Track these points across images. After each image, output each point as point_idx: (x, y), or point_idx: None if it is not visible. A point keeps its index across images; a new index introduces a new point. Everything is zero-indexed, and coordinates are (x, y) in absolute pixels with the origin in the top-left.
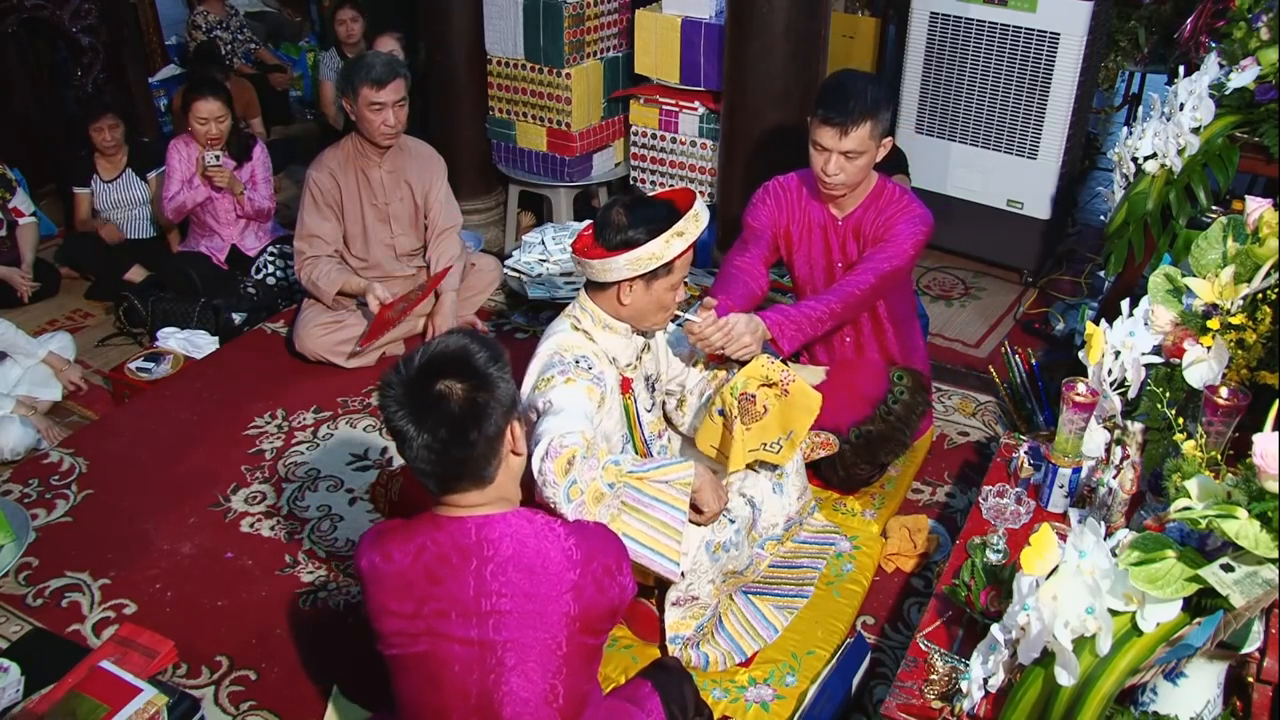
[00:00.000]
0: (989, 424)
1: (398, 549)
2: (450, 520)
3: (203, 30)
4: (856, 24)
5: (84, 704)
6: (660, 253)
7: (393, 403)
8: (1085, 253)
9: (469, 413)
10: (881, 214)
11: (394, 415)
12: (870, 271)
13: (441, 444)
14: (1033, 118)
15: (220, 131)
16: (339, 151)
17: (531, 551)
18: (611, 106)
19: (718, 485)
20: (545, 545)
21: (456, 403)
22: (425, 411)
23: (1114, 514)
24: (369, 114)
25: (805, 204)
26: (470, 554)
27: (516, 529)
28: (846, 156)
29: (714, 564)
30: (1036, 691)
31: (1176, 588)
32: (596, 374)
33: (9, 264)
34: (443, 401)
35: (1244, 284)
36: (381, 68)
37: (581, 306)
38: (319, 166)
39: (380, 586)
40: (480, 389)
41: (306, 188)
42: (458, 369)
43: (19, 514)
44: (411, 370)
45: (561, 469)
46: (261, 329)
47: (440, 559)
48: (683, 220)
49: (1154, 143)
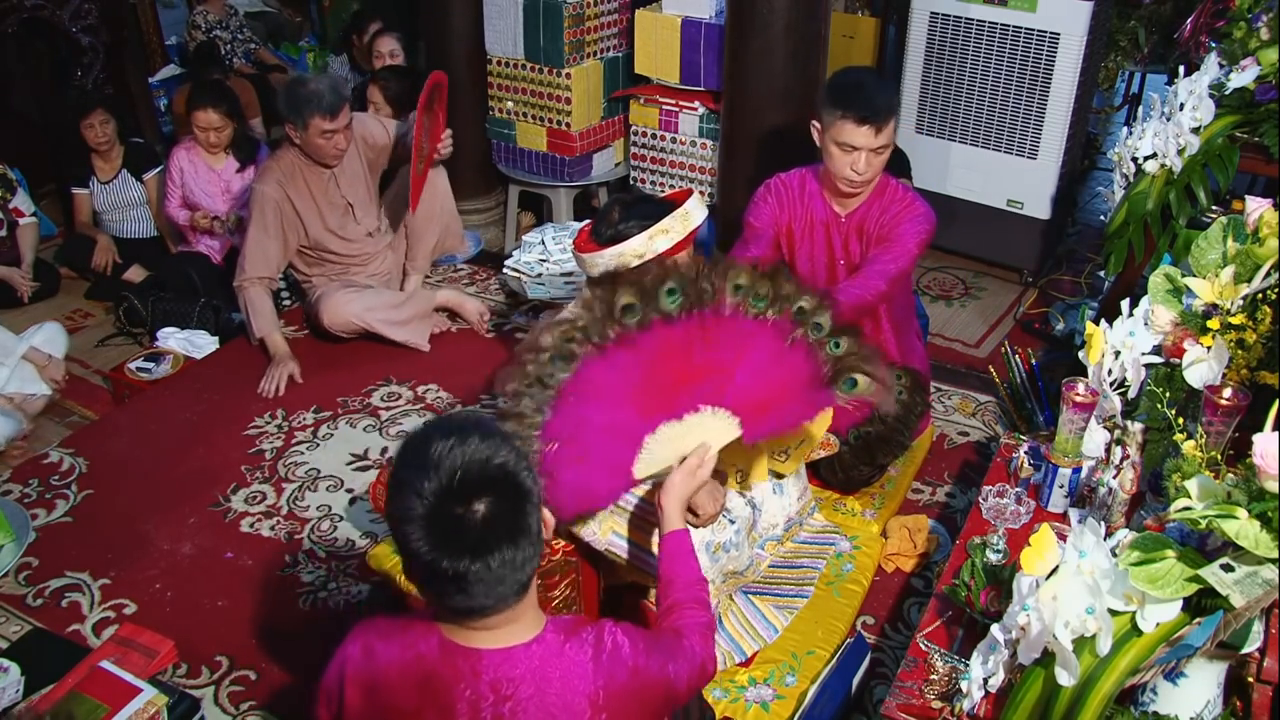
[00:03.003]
0: (989, 424)
1: (395, 671)
2: (463, 651)
3: (203, 30)
4: (856, 24)
5: (84, 704)
6: (642, 249)
7: (418, 532)
8: (1085, 253)
9: (515, 526)
10: (886, 211)
11: (422, 550)
12: (879, 275)
13: (497, 570)
14: (1033, 118)
15: (221, 140)
16: (282, 162)
17: (554, 695)
18: (611, 106)
19: (714, 488)
20: (570, 686)
21: (500, 523)
22: (464, 539)
23: (1114, 514)
24: (320, 140)
25: (808, 201)
26: (482, 699)
27: (541, 667)
28: (875, 152)
29: (714, 564)
30: (1036, 691)
31: (1176, 588)
32: None
33: (9, 264)
34: (484, 527)
35: (1244, 284)
36: (331, 96)
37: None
38: (264, 179)
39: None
40: (519, 499)
41: (255, 202)
42: (491, 487)
43: (19, 514)
44: (437, 495)
45: None
46: None
47: (442, 690)
48: (669, 218)
49: (1154, 143)
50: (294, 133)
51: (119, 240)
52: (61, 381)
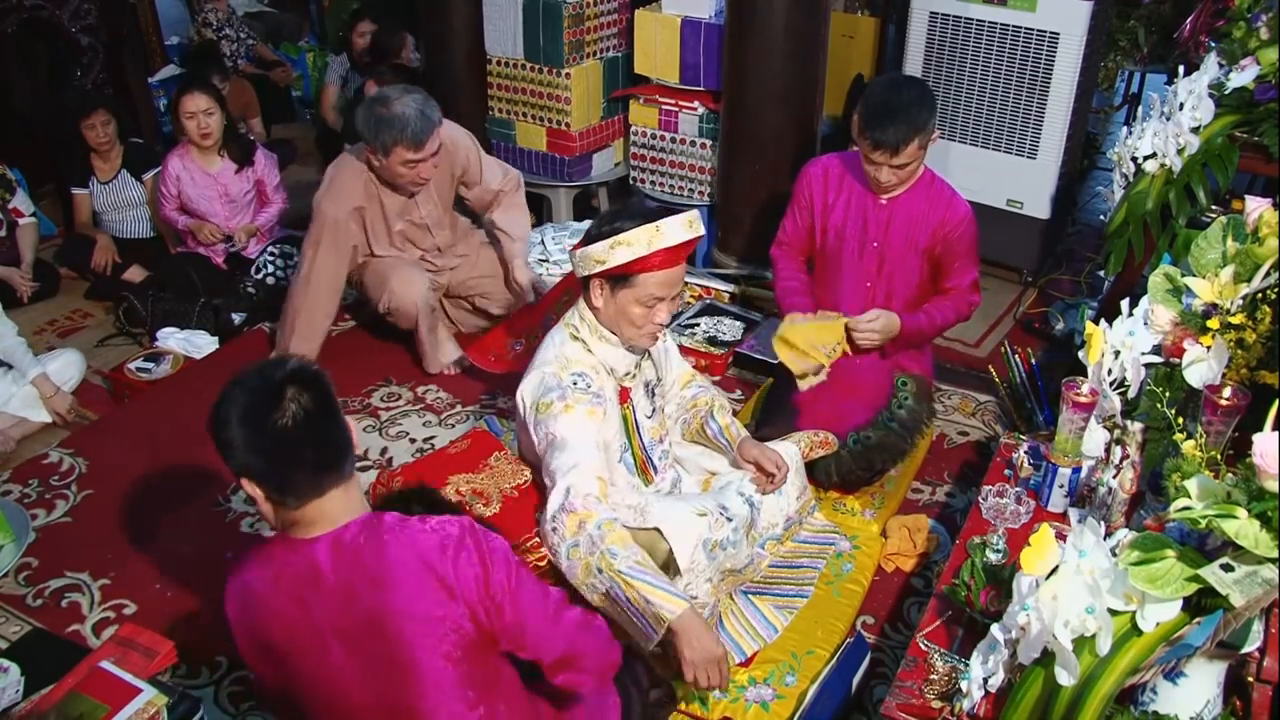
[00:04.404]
0: (989, 424)
1: (258, 583)
2: (304, 543)
3: (213, 28)
4: (856, 24)
5: (84, 704)
6: (601, 255)
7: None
8: (1085, 252)
9: (326, 402)
10: (933, 207)
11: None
12: (963, 302)
13: (310, 417)
14: (1032, 118)
15: (210, 126)
16: (357, 182)
17: (392, 559)
18: (611, 106)
19: (704, 635)
20: (408, 546)
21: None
22: (280, 403)
23: (1114, 514)
24: (402, 169)
25: (852, 183)
26: (330, 572)
27: (372, 535)
28: (895, 169)
29: (711, 563)
30: (1036, 691)
31: (1176, 587)
32: (595, 391)
33: (9, 264)
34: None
35: (1244, 284)
36: (418, 123)
37: (579, 312)
38: (335, 198)
39: (247, 630)
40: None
41: (322, 227)
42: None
43: (19, 514)
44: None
45: (574, 527)
46: (261, 329)
47: (303, 581)
48: (638, 229)
49: (1154, 142)
50: (373, 156)
51: (119, 240)
52: (65, 415)
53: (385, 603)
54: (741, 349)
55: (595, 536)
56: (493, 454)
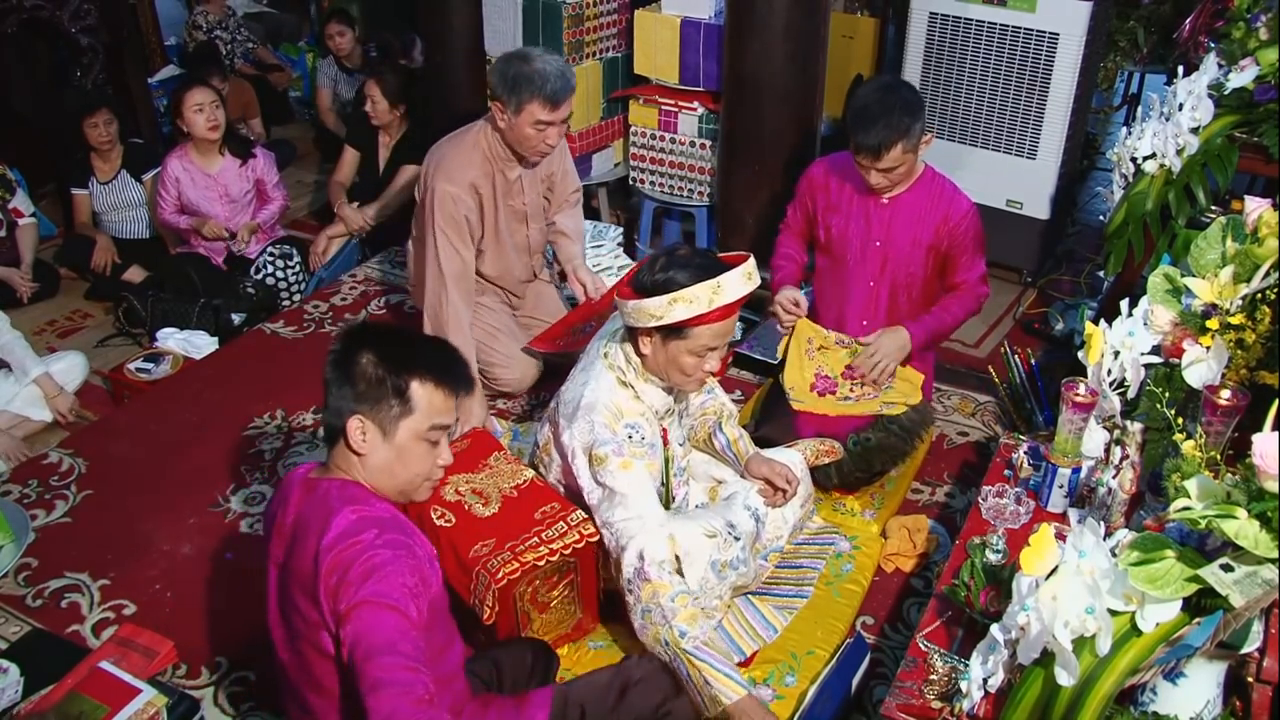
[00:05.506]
0: (989, 424)
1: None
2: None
3: (203, 30)
4: (856, 24)
5: (84, 704)
6: (658, 312)
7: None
8: (1085, 253)
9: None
10: (935, 204)
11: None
12: (976, 285)
13: None
14: (1032, 118)
15: (218, 119)
16: (473, 154)
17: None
18: (611, 107)
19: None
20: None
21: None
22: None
23: (1114, 514)
24: (530, 130)
25: (855, 182)
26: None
27: (324, 496)
28: (882, 171)
29: (721, 582)
30: (1036, 691)
31: (1176, 588)
32: (650, 442)
33: (8, 264)
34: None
35: (1243, 284)
36: (557, 82)
37: (625, 354)
38: (452, 179)
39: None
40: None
41: (442, 208)
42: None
43: (19, 514)
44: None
45: (648, 595)
46: (261, 329)
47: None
48: (699, 286)
49: (1153, 143)
50: (501, 113)
51: (118, 240)
52: (68, 415)
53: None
54: (741, 349)
55: (668, 611)
56: (492, 454)
